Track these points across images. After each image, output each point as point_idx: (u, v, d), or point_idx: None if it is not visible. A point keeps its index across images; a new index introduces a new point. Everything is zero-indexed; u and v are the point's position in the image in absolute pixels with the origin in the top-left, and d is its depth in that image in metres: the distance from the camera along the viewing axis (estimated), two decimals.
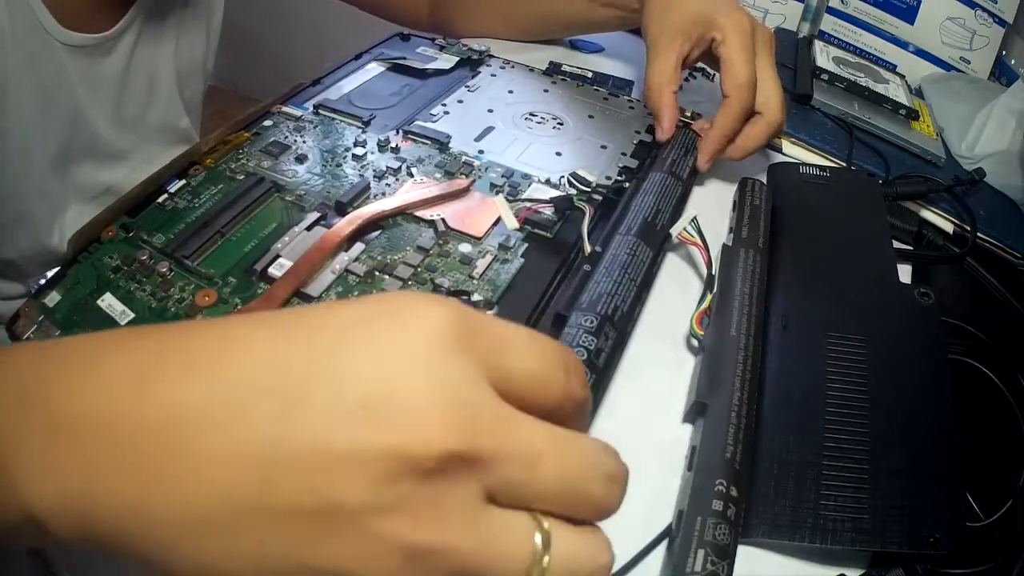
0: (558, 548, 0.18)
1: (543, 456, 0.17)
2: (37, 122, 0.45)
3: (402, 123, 0.52)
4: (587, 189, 0.45)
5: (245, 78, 1.62)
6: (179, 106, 0.58)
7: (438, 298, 0.18)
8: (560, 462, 0.18)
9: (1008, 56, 0.74)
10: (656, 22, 0.50)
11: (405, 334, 0.17)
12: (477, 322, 0.18)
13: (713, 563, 0.27)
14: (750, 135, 0.48)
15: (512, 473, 0.17)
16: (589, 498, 0.18)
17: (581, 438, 0.19)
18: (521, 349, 0.19)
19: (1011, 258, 0.53)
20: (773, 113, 0.48)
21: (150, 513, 0.16)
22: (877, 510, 0.30)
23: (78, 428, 0.17)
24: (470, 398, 0.17)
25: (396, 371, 0.17)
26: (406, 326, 0.17)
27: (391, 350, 0.17)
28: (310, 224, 0.41)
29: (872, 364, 0.36)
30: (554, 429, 0.18)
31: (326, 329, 0.18)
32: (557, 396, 0.19)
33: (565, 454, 0.18)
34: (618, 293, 0.36)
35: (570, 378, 0.19)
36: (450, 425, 0.16)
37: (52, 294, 0.36)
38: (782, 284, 0.42)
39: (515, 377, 0.18)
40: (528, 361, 0.19)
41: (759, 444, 0.33)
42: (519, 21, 0.67)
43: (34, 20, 0.42)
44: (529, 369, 0.18)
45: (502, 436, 0.17)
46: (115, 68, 0.50)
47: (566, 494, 0.18)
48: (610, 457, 0.19)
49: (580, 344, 0.32)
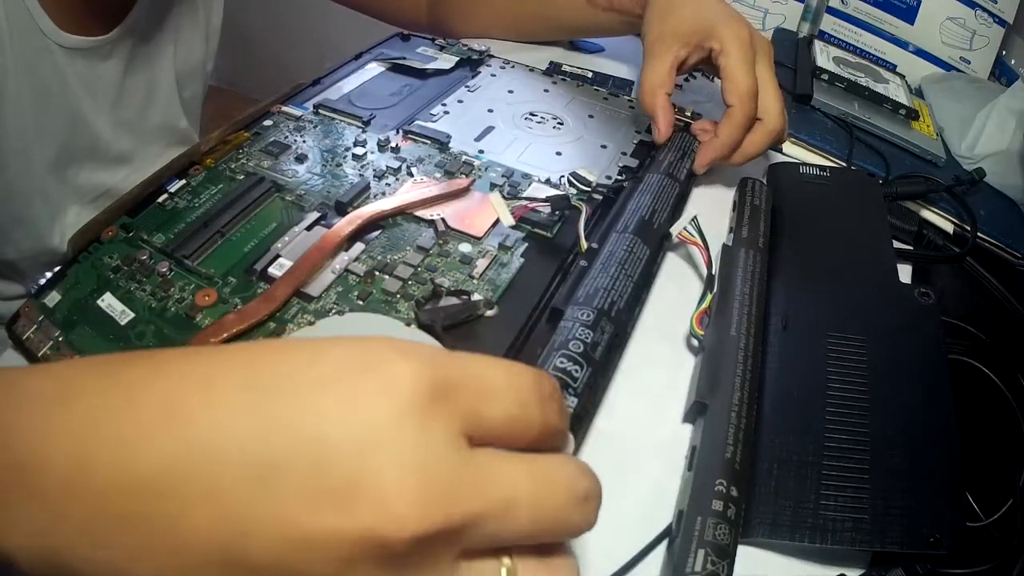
0: None
1: (518, 500, 0.17)
2: (36, 124, 0.45)
3: (402, 123, 0.52)
4: (587, 189, 0.45)
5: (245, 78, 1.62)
6: (178, 108, 0.58)
7: (411, 349, 0.18)
8: (536, 503, 0.18)
9: (1008, 56, 0.74)
10: (654, 27, 0.50)
11: (383, 397, 0.17)
12: (451, 373, 0.18)
13: (713, 563, 0.27)
14: (751, 141, 0.48)
15: (489, 528, 0.17)
16: (565, 527, 0.18)
17: (556, 470, 0.18)
18: (498, 394, 0.18)
19: (1011, 258, 0.53)
20: (773, 120, 0.48)
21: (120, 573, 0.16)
22: (877, 510, 0.30)
23: (43, 479, 0.16)
24: (444, 467, 0.17)
25: (367, 444, 0.16)
26: (384, 386, 0.17)
27: (361, 420, 0.16)
28: (310, 224, 0.41)
29: (872, 364, 0.36)
30: (527, 463, 0.18)
31: (301, 387, 0.17)
32: (535, 432, 0.19)
33: (541, 495, 0.18)
34: (615, 288, 0.36)
35: (546, 411, 0.19)
36: (425, 505, 0.16)
37: (52, 294, 0.36)
38: (782, 284, 0.42)
39: (493, 424, 0.18)
40: (506, 403, 0.18)
41: (759, 444, 0.33)
42: (519, 23, 0.67)
43: (32, 23, 0.42)
44: (508, 411, 0.18)
45: (478, 498, 0.17)
46: (114, 71, 0.50)
47: (541, 531, 0.18)
48: (583, 477, 0.19)
49: (576, 337, 0.32)
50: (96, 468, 0.16)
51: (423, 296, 0.37)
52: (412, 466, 0.16)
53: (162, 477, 0.16)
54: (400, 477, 0.16)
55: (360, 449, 0.16)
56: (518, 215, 0.43)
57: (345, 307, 0.37)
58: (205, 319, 0.35)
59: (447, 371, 0.18)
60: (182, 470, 0.16)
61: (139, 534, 0.16)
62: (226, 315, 0.35)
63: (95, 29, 0.47)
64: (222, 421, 0.16)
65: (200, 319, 0.35)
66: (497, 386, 0.18)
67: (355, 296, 0.37)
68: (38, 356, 0.34)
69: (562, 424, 0.20)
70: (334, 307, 0.37)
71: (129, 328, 0.35)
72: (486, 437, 0.18)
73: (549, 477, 0.18)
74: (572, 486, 0.18)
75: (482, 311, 0.37)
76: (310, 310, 0.36)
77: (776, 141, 0.49)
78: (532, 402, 0.19)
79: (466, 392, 0.18)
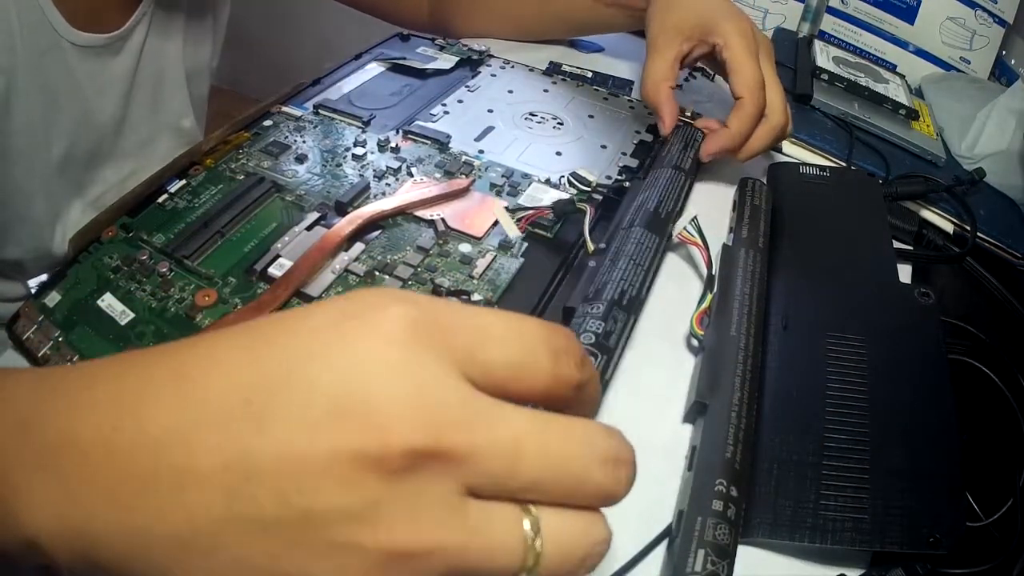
0: (550, 530, 0.17)
1: (524, 445, 0.17)
2: (44, 124, 0.45)
3: (402, 123, 0.52)
4: (587, 189, 0.45)
5: (245, 78, 1.62)
6: (187, 106, 0.58)
7: (404, 295, 0.18)
8: (544, 449, 0.17)
9: (1008, 56, 0.74)
10: (657, 21, 0.50)
11: (371, 336, 0.17)
12: (447, 316, 0.18)
13: (713, 563, 0.27)
14: (756, 136, 0.48)
15: (492, 467, 0.17)
16: (587, 483, 0.18)
17: (570, 421, 0.18)
18: (498, 338, 0.18)
19: (1011, 258, 0.53)
20: (777, 116, 0.48)
21: (140, 537, 0.16)
22: (877, 510, 0.30)
23: (69, 456, 0.17)
24: (437, 394, 0.17)
25: (362, 374, 0.17)
26: (372, 327, 0.17)
27: (357, 353, 0.17)
28: (310, 224, 0.41)
29: (872, 364, 0.36)
30: (538, 415, 0.18)
31: (294, 336, 0.18)
32: (544, 381, 0.18)
33: (549, 440, 0.17)
34: (624, 279, 0.36)
35: (559, 360, 0.18)
36: (413, 422, 0.16)
37: (52, 294, 0.36)
38: (782, 284, 0.42)
39: (495, 368, 0.18)
40: (507, 349, 0.18)
41: (759, 444, 0.33)
42: (521, 21, 0.66)
43: (43, 19, 0.42)
44: (509, 358, 0.18)
45: (475, 430, 0.17)
46: (123, 68, 0.50)
47: (557, 481, 0.17)
48: (610, 438, 0.18)
49: (588, 329, 0.32)
50: (116, 438, 0.17)
51: None
52: (406, 390, 0.16)
53: (170, 433, 0.17)
54: (393, 398, 0.16)
55: (358, 375, 0.16)
56: (523, 226, 0.43)
57: None
58: (205, 319, 0.35)
59: (445, 314, 0.18)
60: (186, 423, 0.17)
61: (156, 492, 0.16)
62: (226, 315, 0.35)
63: (106, 25, 0.47)
64: (222, 374, 0.17)
65: (200, 319, 0.35)
66: (495, 331, 0.18)
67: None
68: (38, 356, 0.34)
69: (581, 378, 0.19)
70: None
71: (129, 328, 0.35)
72: (490, 385, 0.18)
73: (560, 424, 0.18)
74: (591, 442, 0.18)
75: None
76: None
77: (780, 137, 0.49)
78: (539, 350, 0.18)
79: (465, 333, 0.18)
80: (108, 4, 0.47)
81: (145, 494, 0.16)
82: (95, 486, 0.17)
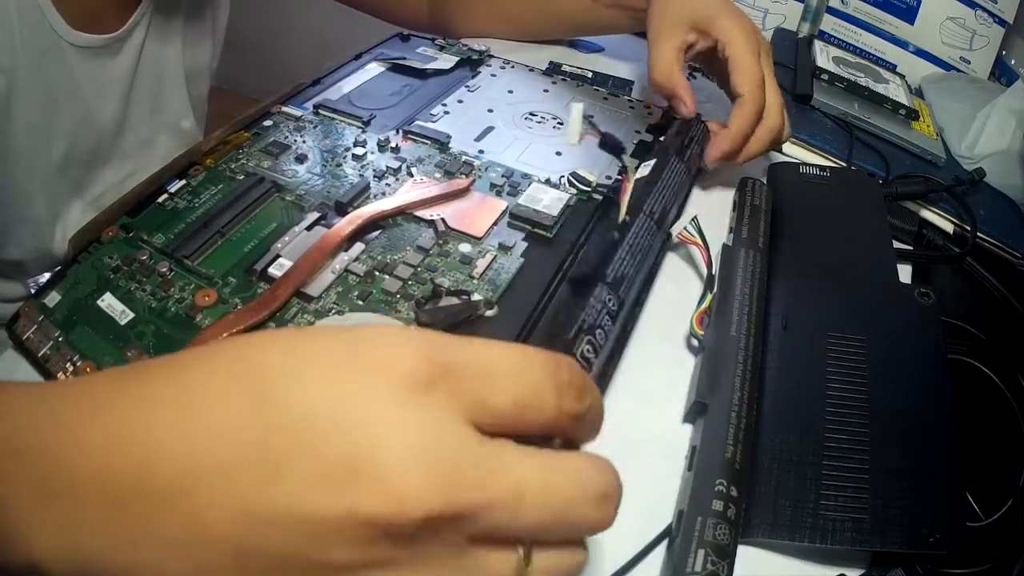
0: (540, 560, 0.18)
1: (525, 492, 0.17)
2: (44, 124, 0.45)
3: (402, 123, 0.52)
4: (587, 189, 0.45)
5: (245, 78, 1.62)
6: (187, 106, 0.58)
7: (408, 334, 0.18)
8: (545, 498, 0.17)
9: (1008, 56, 0.74)
10: (658, 17, 0.51)
11: (375, 383, 0.17)
12: (452, 356, 0.18)
13: (713, 563, 0.27)
14: (754, 139, 0.48)
15: (496, 517, 0.17)
16: (579, 523, 0.18)
17: (566, 460, 0.18)
18: (505, 379, 0.18)
19: (1011, 258, 0.53)
20: (774, 118, 0.48)
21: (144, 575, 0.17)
22: (877, 510, 0.30)
23: (72, 496, 0.17)
24: (449, 453, 0.17)
25: (363, 422, 0.16)
26: (376, 372, 0.17)
27: (368, 408, 0.17)
28: (310, 224, 0.41)
29: (872, 364, 0.36)
30: (538, 457, 0.18)
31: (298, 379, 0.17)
32: (549, 417, 0.19)
33: (550, 489, 0.18)
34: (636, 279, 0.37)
35: (563, 396, 0.19)
36: (428, 489, 0.16)
37: (52, 294, 0.36)
38: (782, 284, 0.42)
39: (500, 410, 0.18)
40: (514, 391, 0.18)
41: (759, 444, 0.33)
42: (521, 21, 0.66)
43: (43, 20, 0.42)
44: (516, 399, 0.18)
45: (484, 486, 0.17)
46: (123, 68, 0.50)
47: (553, 525, 0.18)
48: (602, 474, 0.19)
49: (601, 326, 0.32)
50: (120, 477, 0.17)
51: (423, 296, 0.37)
52: (417, 447, 0.16)
53: (180, 479, 0.17)
54: (401, 456, 0.16)
55: (355, 428, 0.16)
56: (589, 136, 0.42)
57: (345, 307, 0.37)
58: (205, 319, 0.35)
59: (450, 354, 0.18)
60: (194, 470, 0.17)
61: (163, 534, 0.17)
62: (226, 315, 0.35)
63: (106, 26, 0.47)
64: (229, 421, 0.17)
65: (200, 319, 0.35)
66: (503, 371, 0.18)
67: (355, 296, 0.37)
68: (38, 356, 0.34)
69: (581, 408, 0.19)
70: (334, 307, 0.37)
71: (129, 328, 0.35)
72: (495, 424, 0.18)
73: (560, 468, 0.18)
74: (587, 483, 0.18)
75: (482, 311, 0.37)
76: (310, 310, 0.36)
77: (776, 140, 0.49)
78: (545, 387, 0.18)
79: (471, 375, 0.18)
80: (107, 5, 0.47)
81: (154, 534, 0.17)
82: (101, 521, 0.17)
